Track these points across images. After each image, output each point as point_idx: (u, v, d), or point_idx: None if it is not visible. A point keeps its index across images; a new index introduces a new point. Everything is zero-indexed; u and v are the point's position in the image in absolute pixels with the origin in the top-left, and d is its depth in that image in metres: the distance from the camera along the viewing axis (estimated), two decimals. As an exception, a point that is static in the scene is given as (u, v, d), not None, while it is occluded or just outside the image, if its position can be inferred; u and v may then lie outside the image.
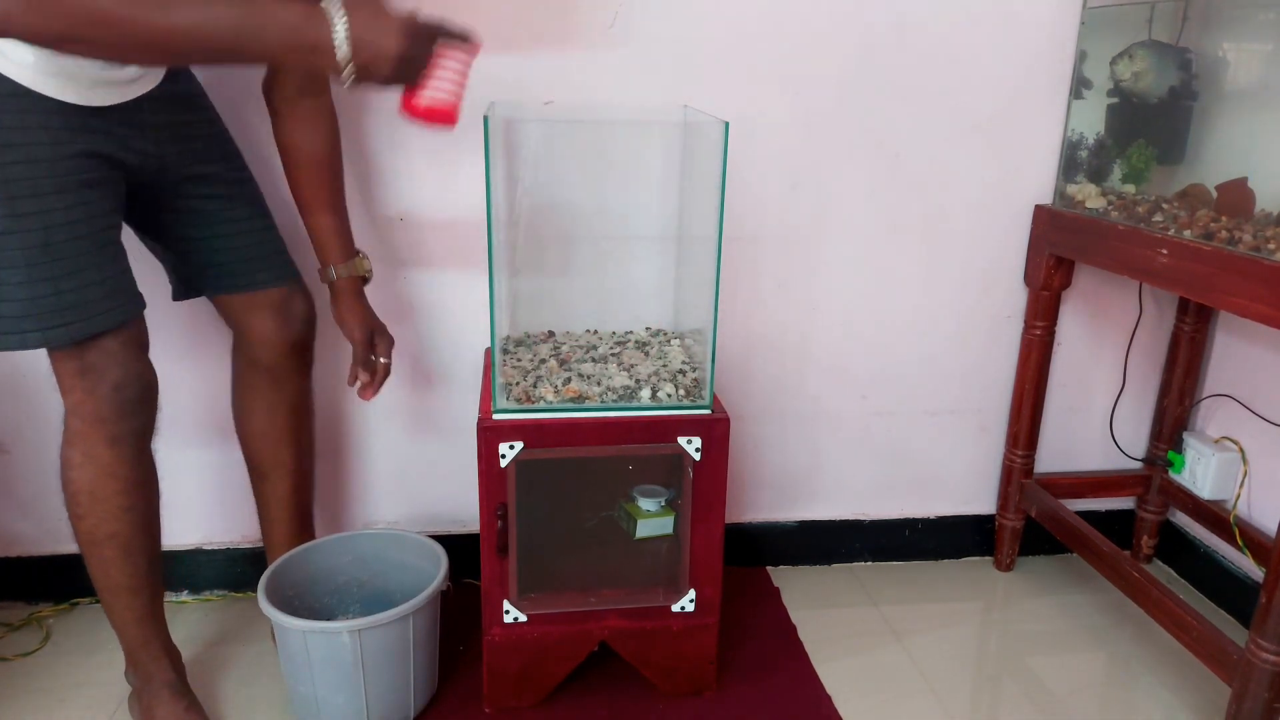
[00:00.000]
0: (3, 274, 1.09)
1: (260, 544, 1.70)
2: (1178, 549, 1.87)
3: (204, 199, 1.31)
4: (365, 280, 1.44)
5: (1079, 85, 1.63)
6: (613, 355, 1.50)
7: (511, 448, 1.30)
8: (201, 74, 1.37)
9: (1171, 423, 1.80)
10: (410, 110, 1.06)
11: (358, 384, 1.45)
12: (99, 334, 1.16)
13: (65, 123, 1.10)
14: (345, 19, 0.97)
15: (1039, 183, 1.70)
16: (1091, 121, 1.63)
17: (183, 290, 1.40)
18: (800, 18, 1.56)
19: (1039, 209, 1.69)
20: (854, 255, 1.70)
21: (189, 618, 1.66)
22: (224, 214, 1.33)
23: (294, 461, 1.48)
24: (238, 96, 1.45)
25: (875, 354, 1.77)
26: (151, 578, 1.30)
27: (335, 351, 1.63)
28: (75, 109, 1.11)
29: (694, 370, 1.42)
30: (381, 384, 1.46)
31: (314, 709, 1.33)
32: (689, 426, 1.33)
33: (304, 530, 1.52)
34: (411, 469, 1.72)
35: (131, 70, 1.15)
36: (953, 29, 1.60)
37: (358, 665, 1.29)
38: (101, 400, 1.18)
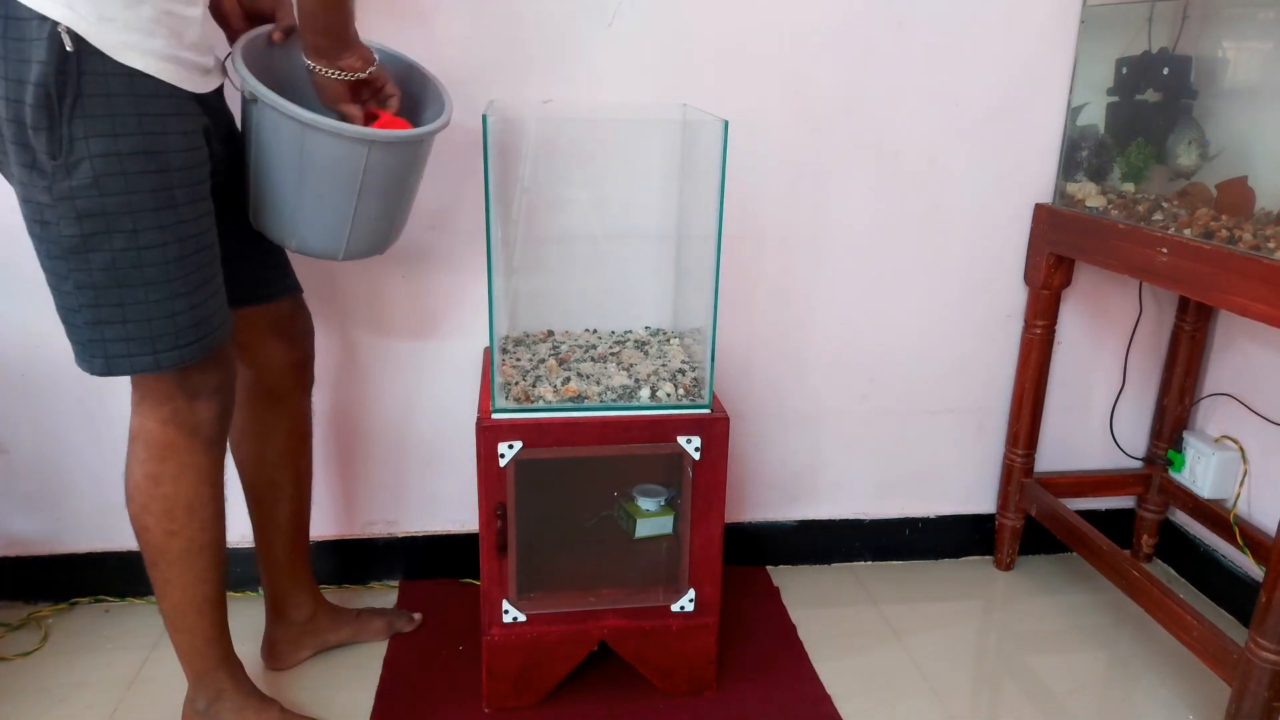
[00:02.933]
0: (137, 291, 1.04)
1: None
2: (1178, 548, 1.87)
3: (225, 202, 1.23)
4: None
5: (1078, 84, 1.64)
6: (612, 355, 1.49)
7: (511, 447, 1.30)
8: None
9: (1171, 422, 1.80)
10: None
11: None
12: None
13: (192, 124, 1.06)
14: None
15: (1039, 181, 1.70)
16: (1091, 120, 1.63)
17: None
18: (800, 17, 1.56)
19: (1039, 208, 1.69)
20: (854, 254, 1.70)
21: (188, 617, 1.66)
22: (244, 222, 1.27)
23: (292, 486, 1.43)
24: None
25: (875, 353, 1.77)
26: (225, 585, 1.27)
27: (334, 351, 1.63)
28: (194, 104, 1.06)
29: (693, 369, 1.42)
30: None
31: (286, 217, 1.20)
32: (688, 426, 1.33)
33: (300, 549, 1.48)
34: (411, 468, 1.72)
35: (210, 58, 1.11)
36: (953, 29, 1.59)
37: (356, 178, 1.17)
38: (204, 408, 1.15)
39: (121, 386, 1.59)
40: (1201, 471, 1.73)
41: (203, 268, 1.10)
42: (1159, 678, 1.56)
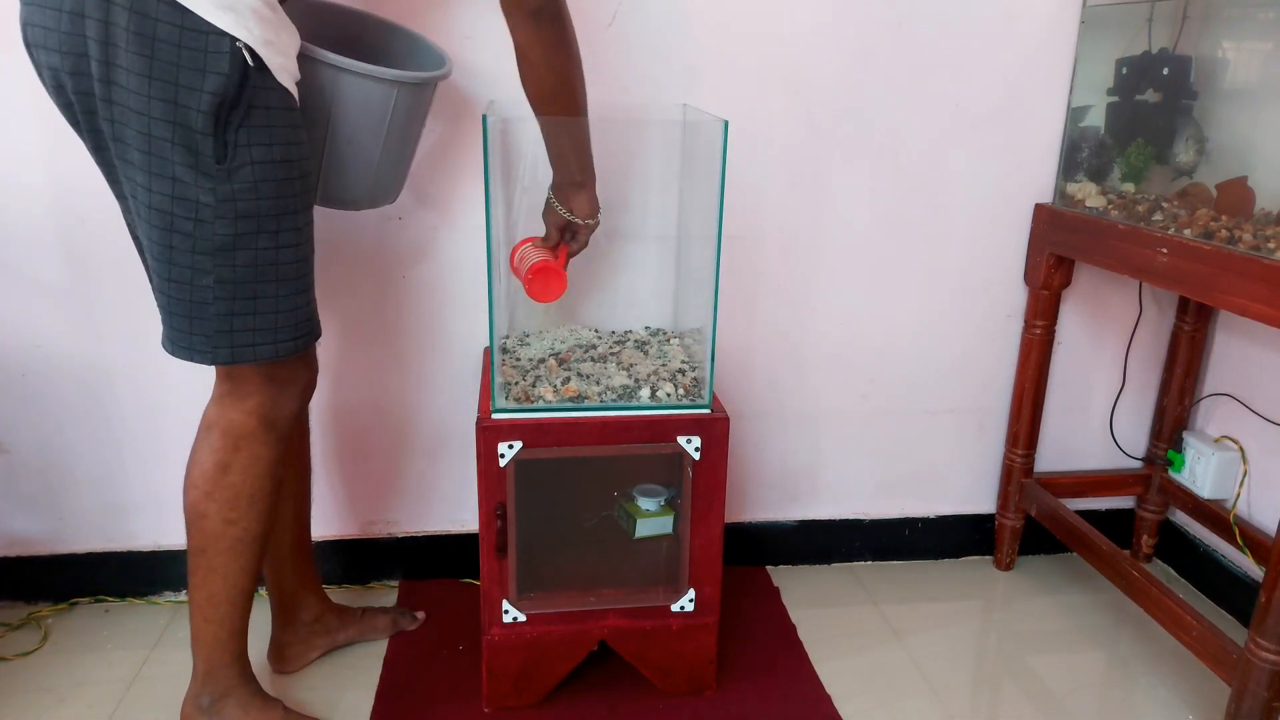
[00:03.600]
0: (270, 287, 1.12)
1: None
2: (1177, 548, 1.87)
3: None
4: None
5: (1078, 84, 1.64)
6: (612, 355, 1.49)
7: (511, 447, 1.30)
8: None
9: (1171, 422, 1.80)
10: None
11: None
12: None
13: (305, 135, 1.14)
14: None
15: (1039, 181, 1.70)
16: (1091, 120, 1.63)
17: None
18: (800, 17, 1.56)
19: (1039, 208, 1.69)
20: (854, 254, 1.70)
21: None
22: None
23: (297, 481, 1.45)
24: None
25: (875, 353, 1.77)
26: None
27: (334, 351, 1.63)
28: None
29: (693, 369, 1.42)
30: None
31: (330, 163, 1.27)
32: (688, 426, 1.33)
33: (305, 546, 1.49)
34: (410, 468, 1.72)
35: None
36: (953, 28, 1.59)
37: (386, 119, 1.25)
38: (288, 401, 1.22)
39: (122, 387, 1.60)
40: (1201, 471, 1.73)
41: (311, 265, 1.19)
42: (1159, 678, 1.56)
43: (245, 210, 1.07)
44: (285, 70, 1.08)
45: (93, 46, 1.00)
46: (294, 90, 1.10)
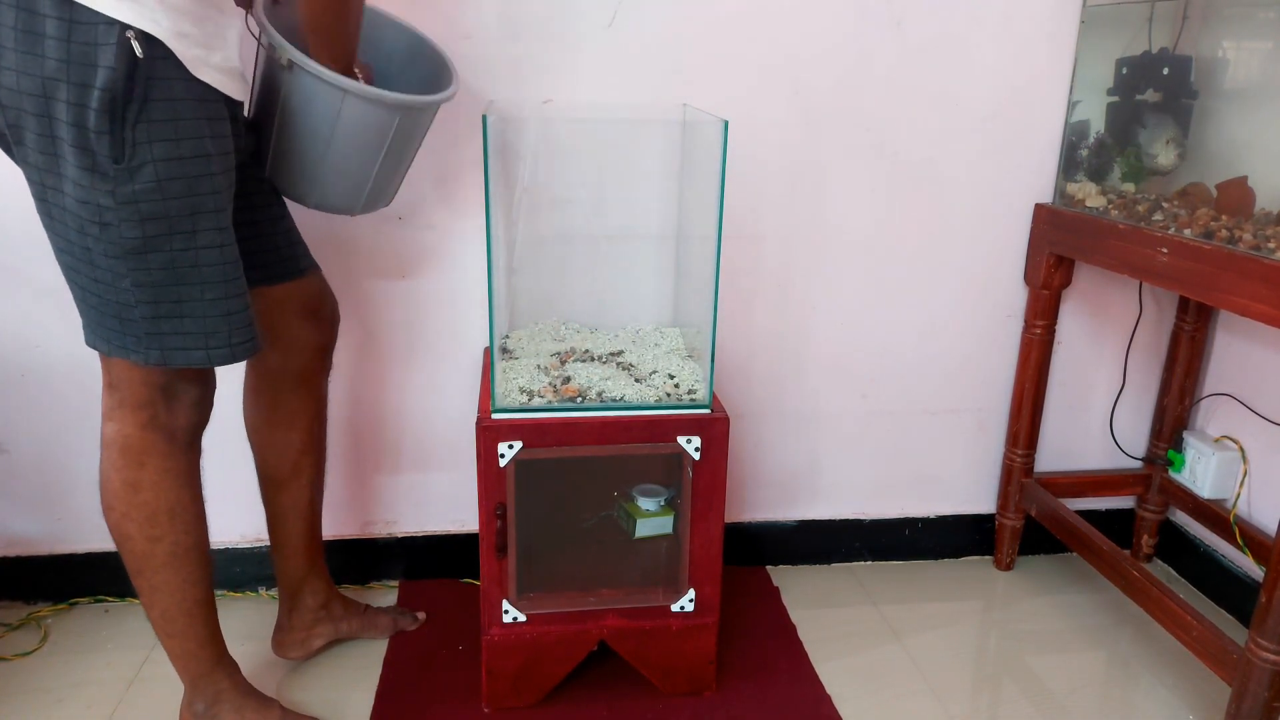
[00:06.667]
0: (194, 289, 1.07)
1: (259, 543, 1.71)
2: (1178, 548, 1.87)
3: (258, 182, 1.27)
4: None
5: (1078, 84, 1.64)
6: (612, 354, 1.49)
7: (510, 447, 1.30)
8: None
9: (1171, 422, 1.80)
10: None
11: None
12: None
13: (229, 129, 1.09)
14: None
15: (1039, 181, 1.70)
16: (1091, 120, 1.63)
17: None
18: (800, 16, 1.56)
19: (1039, 208, 1.69)
20: (854, 254, 1.70)
21: (188, 617, 1.66)
22: (273, 198, 1.31)
23: (313, 470, 1.45)
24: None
25: (875, 353, 1.77)
26: (213, 587, 1.27)
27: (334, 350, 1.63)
28: (230, 109, 1.09)
29: (693, 369, 1.42)
30: None
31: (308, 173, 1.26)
32: (688, 426, 1.32)
33: (316, 534, 1.50)
34: (410, 468, 1.72)
35: (241, 65, 1.14)
36: (952, 28, 1.59)
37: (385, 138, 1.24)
38: (183, 414, 1.17)
39: (121, 386, 1.59)
40: (1201, 471, 1.73)
41: (241, 269, 1.13)
42: (1159, 678, 1.56)
43: (151, 212, 1.01)
44: (206, 64, 1.02)
45: None
46: (219, 83, 1.05)
